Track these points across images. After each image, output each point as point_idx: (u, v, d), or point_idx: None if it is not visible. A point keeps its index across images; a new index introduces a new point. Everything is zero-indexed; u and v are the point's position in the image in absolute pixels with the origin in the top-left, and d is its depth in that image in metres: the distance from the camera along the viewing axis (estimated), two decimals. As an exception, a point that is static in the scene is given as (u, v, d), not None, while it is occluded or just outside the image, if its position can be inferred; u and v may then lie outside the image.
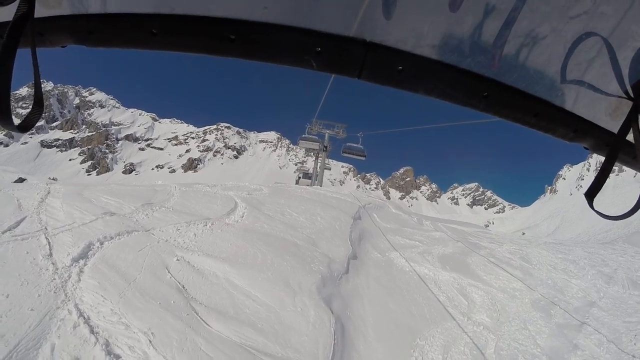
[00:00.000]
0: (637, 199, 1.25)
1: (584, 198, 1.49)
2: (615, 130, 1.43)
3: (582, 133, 1.58)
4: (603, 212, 1.43)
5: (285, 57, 1.36)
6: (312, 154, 44.48)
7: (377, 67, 1.37)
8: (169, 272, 7.65)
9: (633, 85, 1.34)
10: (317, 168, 43.14)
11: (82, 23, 1.36)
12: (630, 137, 1.36)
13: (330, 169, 48.10)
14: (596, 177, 1.39)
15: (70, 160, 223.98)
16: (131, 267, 7.64)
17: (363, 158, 30.20)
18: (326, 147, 37.23)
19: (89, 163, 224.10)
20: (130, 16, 1.31)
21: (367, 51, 1.32)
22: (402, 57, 1.36)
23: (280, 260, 8.76)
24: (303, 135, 35.59)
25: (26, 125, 1.11)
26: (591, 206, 1.44)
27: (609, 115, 1.51)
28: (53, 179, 56.24)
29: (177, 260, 8.15)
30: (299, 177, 48.66)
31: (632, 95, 1.36)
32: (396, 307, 8.72)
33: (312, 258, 9.44)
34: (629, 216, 1.29)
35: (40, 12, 1.30)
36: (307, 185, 42.78)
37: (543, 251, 14.11)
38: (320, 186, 33.93)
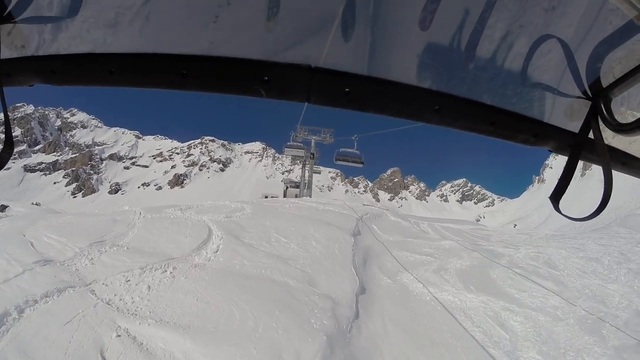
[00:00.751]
0: (599, 201, 1.24)
1: (552, 192, 1.47)
2: (576, 130, 1.46)
3: (543, 136, 1.57)
4: (568, 214, 1.43)
5: (234, 88, 1.38)
6: (298, 162, 42.45)
7: (324, 91, 1.39)
8: (103, 358, 5.23)
9: (590, 85, 1.35)
10: (304, 177, 41.32)
11: (45, 63, 1.41)
12: (591, 135, 1.35)
13: (320, 173, 46.20)
14: (560, 179, 1.43)
15: (54, 183, 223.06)
16: (51, 352, 5.24)
17: (360, 165, 27.41)
18: (313, 154, 35.20)
19: (74, 185, 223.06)
20: (89, 56, 1.37)
21: (312, 76, 1.34)
22: (347, 79, 1.37)
23: (267, 320, 6.34)
24: (288, 143, 34.18)
25: None
26: (557, 209, 1.44)
27: (568, 116, 1.52)
28: (36, 204, 54.61)
29: (118, 335, 5.64)
30: (287, 187, 46.88)
31: (590, 94, 1.37)
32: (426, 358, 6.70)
33: (310, 307, 7.09)
34: (593, 217, 1.29)
35: (5, 53, 1.35)
36: (296, 196, 40.95)
37: (562, 251, 12.67)
38: (310, 197, 31.88)
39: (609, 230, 19.65)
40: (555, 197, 1.43)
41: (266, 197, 46.38)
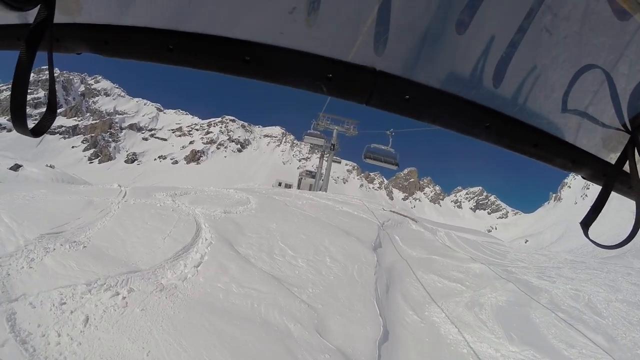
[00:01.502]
0: (630, 230, 1.25)
1: (583, 218, 1.48)
2: (612, 161, 1.50)
3: (580, 163, 1.59)
4: (598, 242, 1.46)
5: (297, 81, 1.38)
6: (317, 151, 40.22)
7: (385, 95, 1.39)
8: None
9: (631, 119, 1.37)
10: (321, 168, 39.10)
11: (99, 32, 1.38)
12: (626, 168, 1.37)
13: (340, 162, 44.21)
14: (592, 206, 1.42)
15: (72, 147, 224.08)
16: None
17: (395, 167, 24.05)
18: (334, 146, 32.88)
19: (91, 151, 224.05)
20: (148, 30, 1.34)
21: (376, 79, 1.35)
22: (409, 87, 1.38)
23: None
24: (308, 131, 32.26)
25: (39, 130, 1.11)
26: (586, 235, 1.47)
27: (606, 146, 1.54)
28: (50, 166, 54.51)
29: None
30: (302, 178, 44.87)
31: (629, 128, 1.39)
32: None
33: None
34: (623, 245, 1.31)
35: (58, 18, 1.24)
36: (310, 186, 38.87)
37: (600, 290, 11.13)
38: (326, 191, 29.57)
39: (624, 260, 19.67)
40: (586, 223, 1.43)
41: (280, 184, 44.59)
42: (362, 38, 1.23)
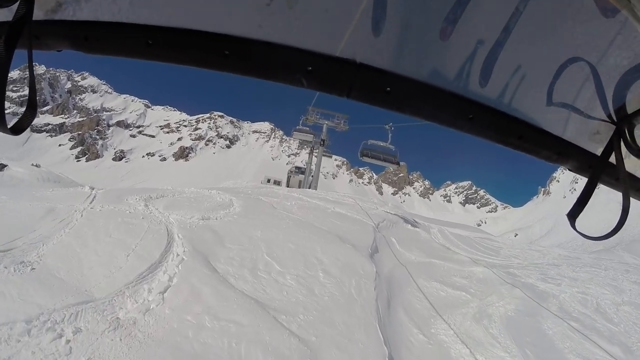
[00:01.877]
0: (617, 221, 1.25)
1: (570, 210, 1.47)
2: (598, 152, 1.47)
3: (566, 155, 1.58)
4: (585, 233, 1.38)
5: (277, 75, 1.36)
6: (306, 146, 39.43)
7: (366, 87, 1.37)
8: None
9: (616, 109, 1.36)
10: (310, 164, 38.09)
11: (78, 29, 1.36)
12: (612, 159, 1.36)
13: (331, 157, 43.23)
14: (579, 198, 1.41)
15: (59, 145, 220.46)
16: None
17: (396, 165, 21.22)
18: (323, 141, 32.06)
19: (78, 149, 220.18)
20: (126, 25, 1.31)
21: (356, 72, 1.33)
22: (390, 78, 1.36)
23: None
24: (297, 127, 31.53)
25: (19, 128, 1.10)
26: (573, 227, 1.43)
27: (592, 138, 1.54)
28: (36, 166, 53.02)
29: None
30: (290, 176, 43.83)
31: (615, 119, 1.39)
32: None
33: None
34: (610, 237, 1.28)
35: (37, 15, 1.25)
36: (300, 182, 37.88)
37: (604, 291, 10.54)
38: (316, 189, 28.62)
39: (614, 254, 20.60)
40: (573, 215, 1.42)
41: (269, 181, 43.51)
42: (343, 30, 1.20)
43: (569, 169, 1.61)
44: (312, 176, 34.97)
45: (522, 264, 13.88)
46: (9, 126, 1.04)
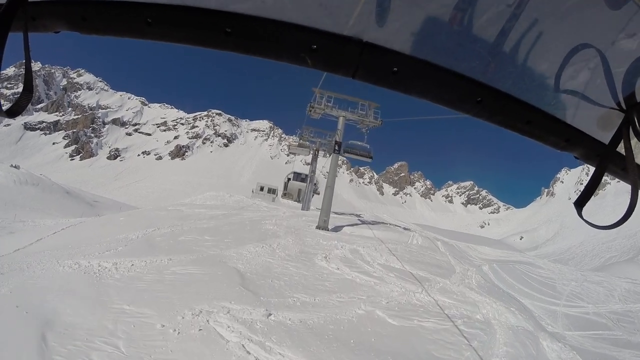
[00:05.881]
0: (626, 209, 1.21)
1: (577, 199, 1.45)
2: (606, 141, 1.45)
3: (574, 142, 1.56)
4: (592, 222, 1.39)
5: (280, 53, 1.31)
6: (310, 152, 34.45)
7: (372, 67, 1.33)
8: None
9: (625, 97, 1.34)
10: (313, 171, 33.81)
11: (76, 9, 1.30)
12: (620, 148, 1.35)
13: (341, 167, 38.65)
14: (586, 187, 1.40)
15: (53, 144, 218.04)
16: None
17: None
18: (338, 145, 21.26)
19: (72, 147, 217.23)
20: (125, 4, 1.26)
21: (362, 51, 1.28)
22: (397, 59, 1.32)
23: None
24: (291, 141, 27.41)
25: (15, 111, 1.08)
26: (580, 215, 1.42)
27: (600, 126, 1.51)
28: (15, 167, 49.68)
29: None
30: (288, 180, 39.74)
31: (624, 107, 1.36)
32: None
33: None
34: (618, 226, 1.27)
35: None
36: (299, 191, 33.88)
37: None
38: (329, 211, 19.98)
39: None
40: (580, 203, 1.42)
41: (262, 189, 39.52)
42: (350, 7, 1.16)
43: (575, 157, 1.58)
44: (316, 183, 30.76)
45: (595, 310, 10.87)
46: (4, 109, 1.01)
